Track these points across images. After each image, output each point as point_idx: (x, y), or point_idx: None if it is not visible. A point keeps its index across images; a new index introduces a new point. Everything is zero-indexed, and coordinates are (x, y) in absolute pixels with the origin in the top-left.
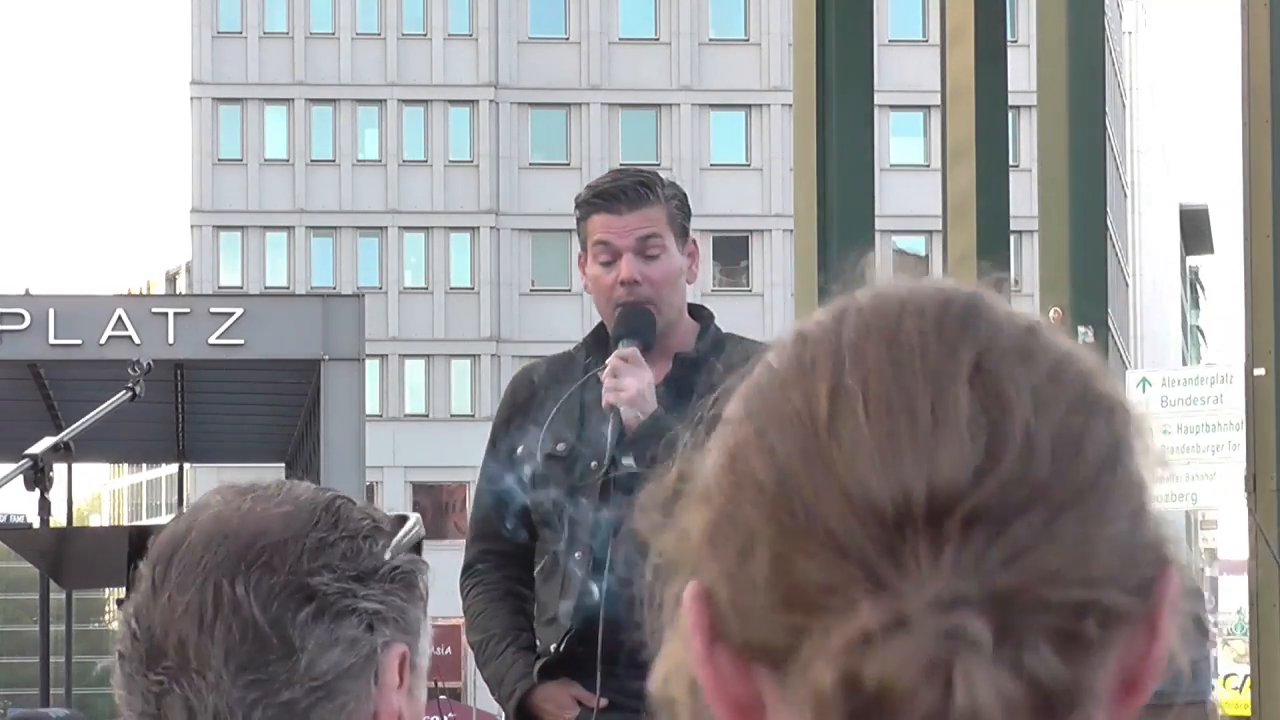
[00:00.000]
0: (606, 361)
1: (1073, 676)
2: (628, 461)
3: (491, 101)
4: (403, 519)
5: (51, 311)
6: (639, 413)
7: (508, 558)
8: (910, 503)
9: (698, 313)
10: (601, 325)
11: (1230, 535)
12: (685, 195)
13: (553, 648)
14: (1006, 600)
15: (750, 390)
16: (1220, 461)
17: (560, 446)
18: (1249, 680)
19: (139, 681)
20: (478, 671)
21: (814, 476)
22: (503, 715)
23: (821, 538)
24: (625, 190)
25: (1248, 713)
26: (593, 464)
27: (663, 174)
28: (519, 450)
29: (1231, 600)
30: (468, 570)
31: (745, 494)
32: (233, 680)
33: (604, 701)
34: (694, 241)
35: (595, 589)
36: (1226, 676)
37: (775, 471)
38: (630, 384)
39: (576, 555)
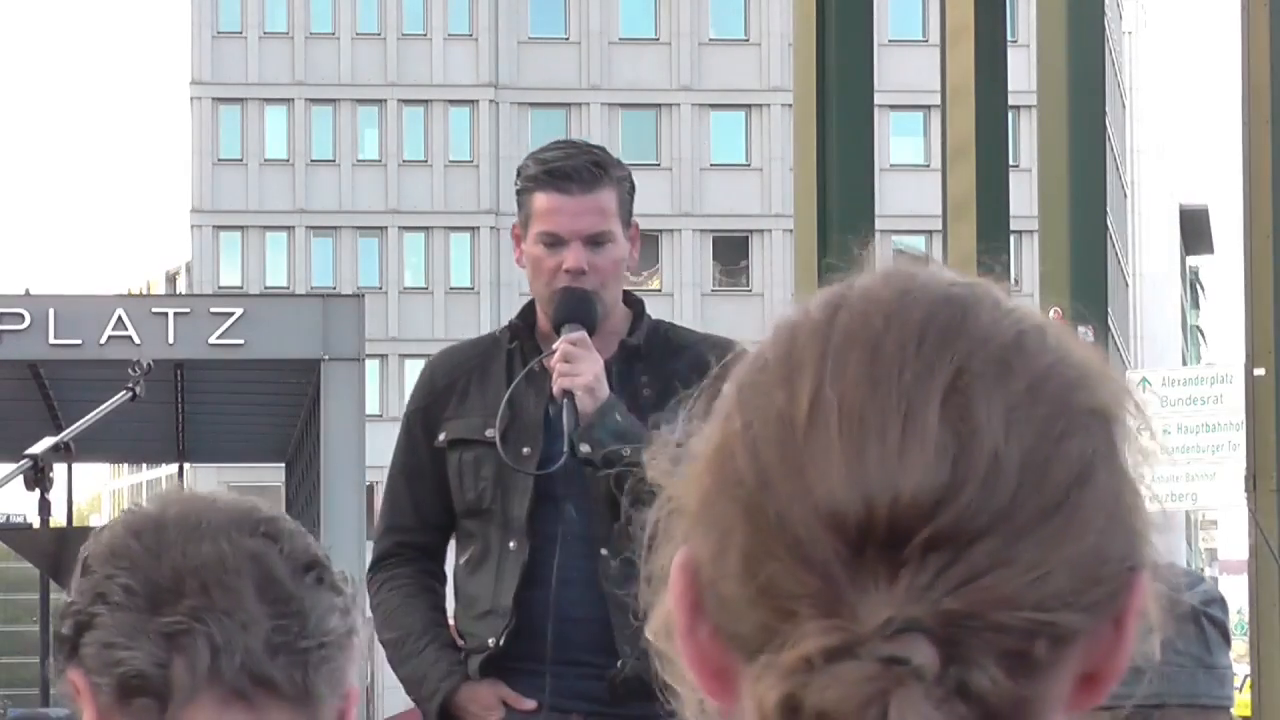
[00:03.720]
0: (555, 346)
1: (1022, 693)
2: (585, 448)
3: (491, 101)
4: None
5: (51, 311)
6: (594, 398)
7: (421, 550)
8: (873, 521)
9: (628, 298)
10: (528, 307)
11: (1230, 535)
12: (632, 176)
13: (491, 642)
14: (957, 623)
15: (743, 378)
16: (1220, 461)
17: (489, 433)
18: (1249, 680)
19: (144, 626)
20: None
21: (788, 483)
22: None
23: (789, 544)
24: (579, 170)
25: (1248, 713)
26: (525, 450)
27: (617, 165)
28: (441, 437)
29: (1231, 600)
30: (378, 564)
31: (727, 488)
32: (264, 618)
33: (531, 703)
34: (635, 225)
35: (541, 581)
36: None
37: (755, 472)
38: (585, 369)
39: (512, 545)
